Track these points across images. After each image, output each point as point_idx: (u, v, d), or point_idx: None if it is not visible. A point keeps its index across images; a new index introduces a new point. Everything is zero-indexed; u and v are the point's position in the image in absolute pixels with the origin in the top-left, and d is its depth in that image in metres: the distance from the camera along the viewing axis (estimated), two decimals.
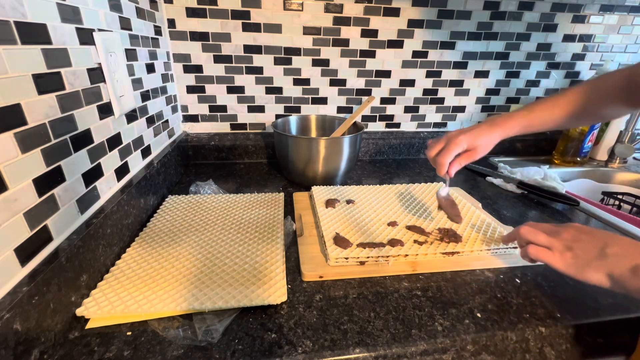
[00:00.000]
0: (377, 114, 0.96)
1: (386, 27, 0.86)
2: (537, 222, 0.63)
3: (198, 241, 0.52)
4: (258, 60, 0.84)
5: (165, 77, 0.76)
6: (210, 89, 0.86)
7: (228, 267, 0.46)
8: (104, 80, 0.48)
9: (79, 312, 0.37)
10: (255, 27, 0.81)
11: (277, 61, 0.85)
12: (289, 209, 0.65)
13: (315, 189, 0.68)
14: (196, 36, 0.80)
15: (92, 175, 0.45)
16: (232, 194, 0.69)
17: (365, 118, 0.96)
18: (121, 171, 0.54)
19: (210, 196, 0.67)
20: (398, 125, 0.99)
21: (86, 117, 0.44)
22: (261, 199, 0.67)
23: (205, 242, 0.52)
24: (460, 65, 0.93)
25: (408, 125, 1.00)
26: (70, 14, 0.41)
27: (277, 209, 0.62)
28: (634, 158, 1.02)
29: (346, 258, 0.48)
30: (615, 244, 0.35)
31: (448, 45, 0.90)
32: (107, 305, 0.38)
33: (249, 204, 0.65)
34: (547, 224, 0.43)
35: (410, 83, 0.93)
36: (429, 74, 0.93)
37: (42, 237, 0.35)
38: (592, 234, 0.38)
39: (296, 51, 0.85)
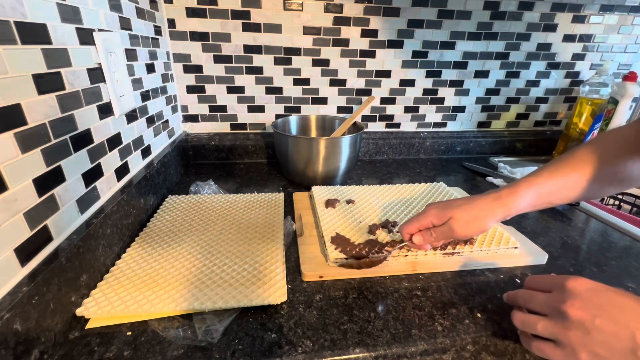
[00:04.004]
0: (377, 114, 0.96)
1: (386, 27, 0.86)
2: (537, 222, 0.64)
3: (198, 241, 0.52)
4: (258, 60, 0.84)
5: (165, 77, 0.76)
6: (210, 89, 0.86)
7: (228, 267, 0.46)
8: (104, 80, 0.48)
9: (79, 312, 0.37)
10: (255, 27, 0.81)
11: (277, 61, 0.85)
12: (289, 209, 0.65)
13: (315, 189, 0.68)
14: (196, 36, 0.80)
15: (92, 175, 0.45)
16: (232, 194, 0.69)
17: (365, 118, 0.96)
18: (121, 171, 0.54)
19: (210, 196, 0.67)
20: (398, 125, 0.99)
21: (86, 117, 0.44)
22: (261, 199, 0.67)
23: (205, 242, 0.52)
24: (460, 65, 0.93)
25: (408, 125, 1.00)
26: (70, 14, 0.41)
27: (277, 209, 0.62)
28: None
29: (346, 258, 0.48)
30: None
31: (448, 45, 0.90)
32: (107, 305, 0.38)
33: (249, 204, 0.64)
34: (540, 293, 0.34)
35: (410, 83, 0.93)
36: (429, 74, 0.93)
37: (42, 237, 0.35)
38: (611, 319, 0.27)
39: (296, 51, 0.85)
